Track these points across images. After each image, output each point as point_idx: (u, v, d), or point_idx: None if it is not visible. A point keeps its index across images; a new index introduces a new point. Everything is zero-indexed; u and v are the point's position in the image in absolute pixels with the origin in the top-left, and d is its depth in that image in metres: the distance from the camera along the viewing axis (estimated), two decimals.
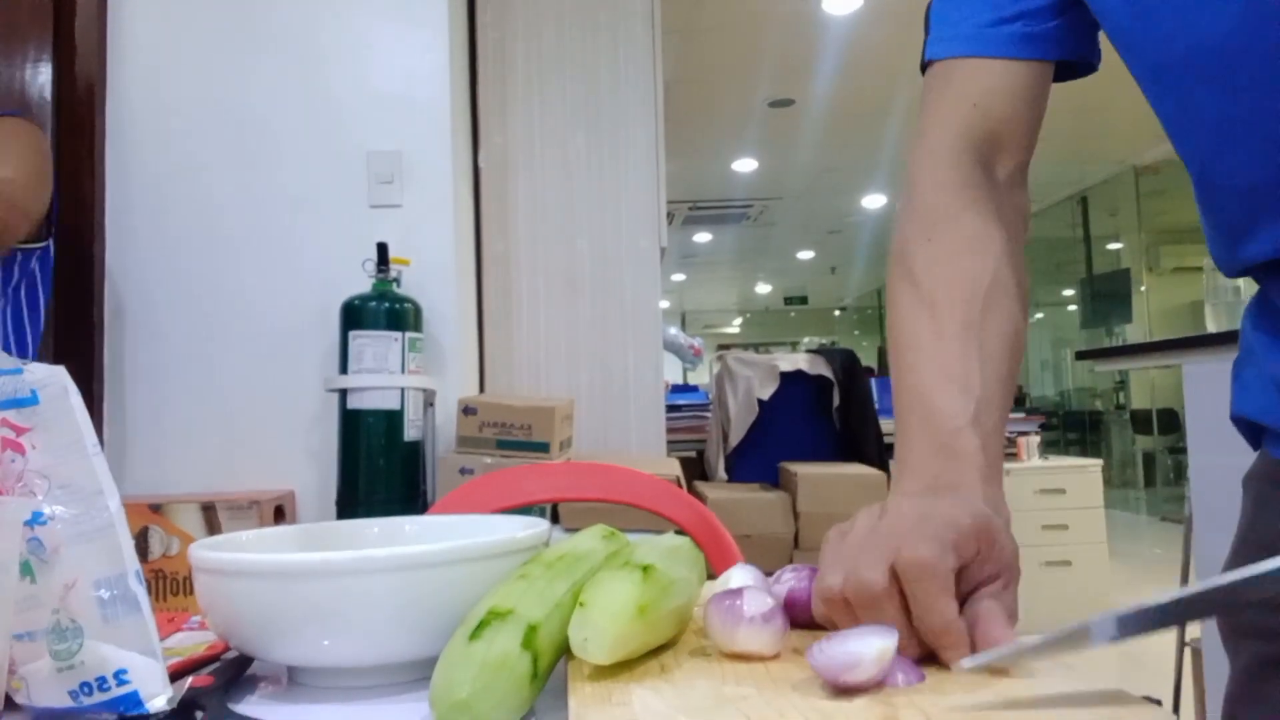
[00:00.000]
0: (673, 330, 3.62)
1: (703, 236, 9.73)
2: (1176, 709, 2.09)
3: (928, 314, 0.58)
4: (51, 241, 1.45)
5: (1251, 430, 0.57)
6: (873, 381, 2.83)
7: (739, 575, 0.50)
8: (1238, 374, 0.58)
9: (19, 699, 0.43)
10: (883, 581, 0.43)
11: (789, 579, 0.51)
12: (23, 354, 1.38)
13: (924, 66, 0.66)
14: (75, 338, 1.76)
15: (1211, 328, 2.05)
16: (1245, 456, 0.61)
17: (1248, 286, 0.61)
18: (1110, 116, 5.86)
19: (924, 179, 0.63)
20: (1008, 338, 0.58)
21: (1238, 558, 0.59)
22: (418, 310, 1.72)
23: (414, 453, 1.69)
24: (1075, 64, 0.65)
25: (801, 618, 0.50)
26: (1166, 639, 2.26)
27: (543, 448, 1.71)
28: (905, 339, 0.58)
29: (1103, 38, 0.63)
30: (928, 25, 0.66)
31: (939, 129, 0.63)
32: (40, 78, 1.76)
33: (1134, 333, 7.61)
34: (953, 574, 0.43)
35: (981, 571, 0.46)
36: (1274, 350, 0.54)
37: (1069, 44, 0.63)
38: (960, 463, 0.52)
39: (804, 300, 14.81)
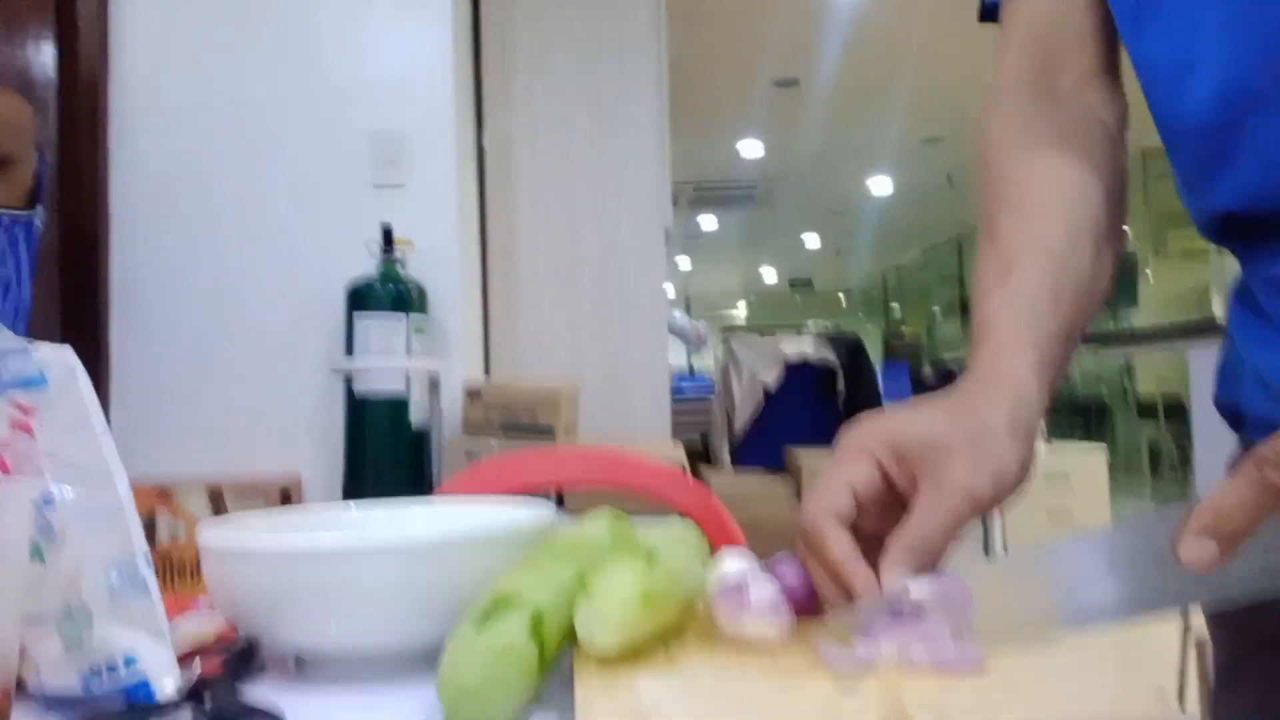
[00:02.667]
0: (677, 314, 3.62)
1: (707, 220, 9.70)
2: (1181, 701, 2.10)
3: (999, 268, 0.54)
4: (36, 215, 1.43)
5: (1233, 416, 0.57)
6: (877, 367, 2.83)
7: (732, 561, 0.50)
8: (1221, 358, 0.58)
9: (28, 684, 0.44)
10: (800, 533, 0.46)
11: (785, 571, 0.51)
12: (14, 322, 1.37)
13: (986, 12, 0.65)
14: (81, 320, 1.77)
15: (1219, 313, 2.04)
16: None
17: None
18: None
19: (983, 125, 0.62)
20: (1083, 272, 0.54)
21: None
22: (422, 292, 1.72)
23: (420, 437, 1.69)
24: None
25: (792, 606, 0.50)
26: (1170, 634, 2.26)
27: (548, 432, 1.71)
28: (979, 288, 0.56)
29: None
30: None
31: (998, 74, 0.63)
32: (44, 60, 1.75)
33: (1140, 318, 7.58)
34: (829, 512, 0.44)
35: (909, 483, 0.45)
36: (1248, 334, 0.53)
37: None
38: (974, 354, 0.50)
39: (809, 284, 14.77)
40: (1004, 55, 0.63)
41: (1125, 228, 0.59)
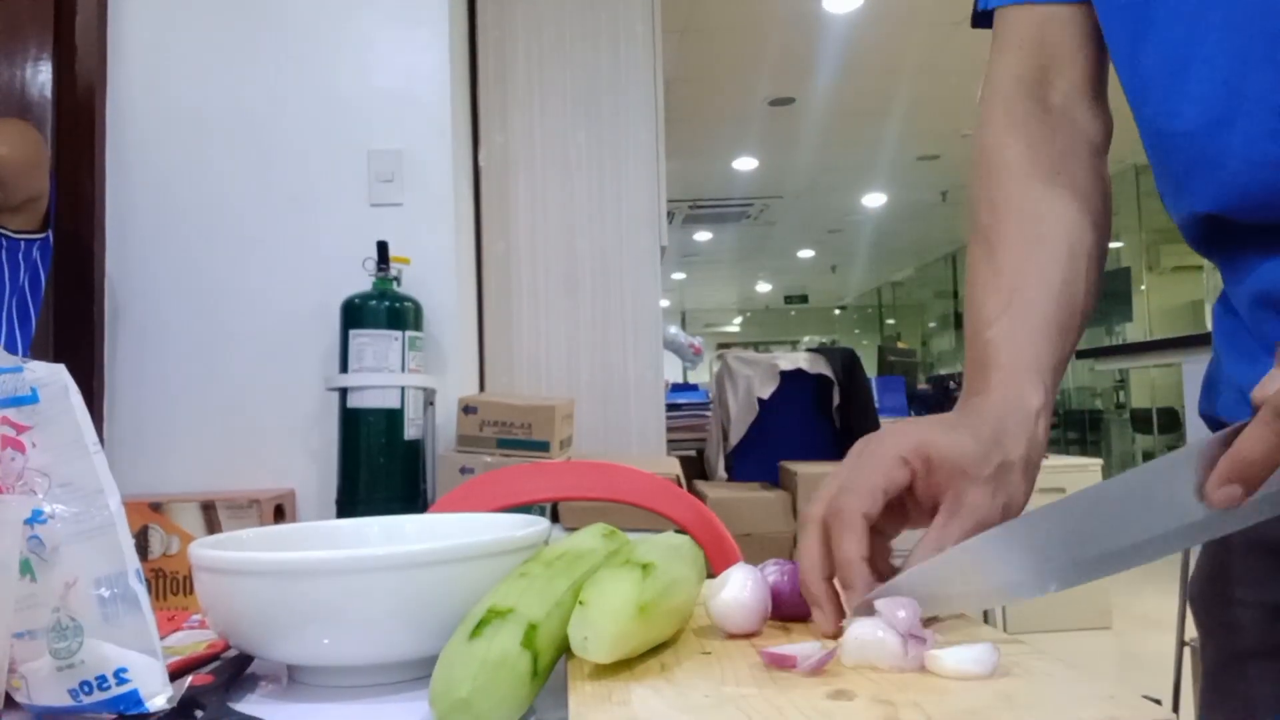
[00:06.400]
0: (673, 329, 3.63)
1: (703, 235, 9.73)
2: (1176, 708, 2.09)
3: (995, 278, 0.57)
4: (50, 234, 1.47)
5: (1215, 428, 0.57)
6: (873, 381, 2.83)
7: (739, 575, 0.50)
8: (1207, 370, 0.59)
9: (19, 698, 0.43)
10: (815, 517, 0.49)
11: (772, 572, 0.51)
12: (25, 344, 1.40)
13: (978, 18, 0.66)
14: (75, 336, 1.76)
15: (1211, 327, 2.05)
16: None
17: None
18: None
19: (980, 134, 0.64)
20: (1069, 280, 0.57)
21: (1205, 553, 0.61)
22: (418, 309, 1.72)
23: (414, 452, 1.69)
24: None
25: (784, 611, 0.50)
26: (1166, 640, 2.26)
27: (543, 446, 1.71)
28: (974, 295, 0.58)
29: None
30: None
31: (991, 81, 0.64)
32: (40, 77, 1.76)
33: (1134, 332, 7.62)
34: (860, 514, 0.47)
35: (927, 493, 0.49)
36: (1229, 346, 0.54)
37: None
38: (979, 376, 0.53)
39: (804, 299, 14.81)
40: (998, 58, 0.64)
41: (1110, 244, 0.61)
